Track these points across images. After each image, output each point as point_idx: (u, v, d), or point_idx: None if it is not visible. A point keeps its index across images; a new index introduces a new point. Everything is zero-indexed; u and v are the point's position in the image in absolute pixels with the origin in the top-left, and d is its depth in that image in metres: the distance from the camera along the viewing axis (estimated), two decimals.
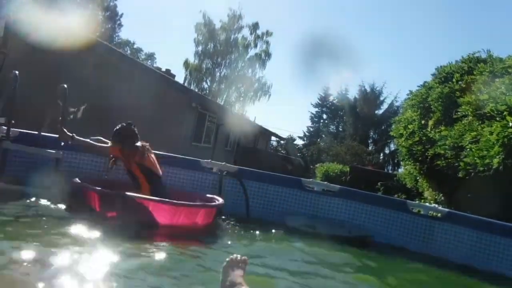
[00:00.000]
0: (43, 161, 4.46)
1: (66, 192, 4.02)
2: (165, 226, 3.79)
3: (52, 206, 3.91)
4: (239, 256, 1.47)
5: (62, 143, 4.29)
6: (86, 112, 10.76)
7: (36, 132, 4.62)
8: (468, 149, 7.11)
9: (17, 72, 4.22)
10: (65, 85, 4.29)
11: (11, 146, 4.26)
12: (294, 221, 5.15)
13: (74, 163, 4.86)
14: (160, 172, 4.38)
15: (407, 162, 10.41)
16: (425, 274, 4.23)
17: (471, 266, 4.83)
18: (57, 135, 4.31)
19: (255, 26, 30.35)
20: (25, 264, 2.39)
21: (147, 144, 4.34)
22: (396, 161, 28.00)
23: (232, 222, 4.71)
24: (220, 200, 4.51)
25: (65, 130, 4.01)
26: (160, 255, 3.18)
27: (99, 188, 3.85)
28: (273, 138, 27.36)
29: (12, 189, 4.01)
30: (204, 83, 30.84)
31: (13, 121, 4.26)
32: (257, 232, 4.56)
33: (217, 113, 14.99)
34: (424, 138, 9.14)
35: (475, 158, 6.69)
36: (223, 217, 4.77)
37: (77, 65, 11.32)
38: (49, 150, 4.43)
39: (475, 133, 7.14)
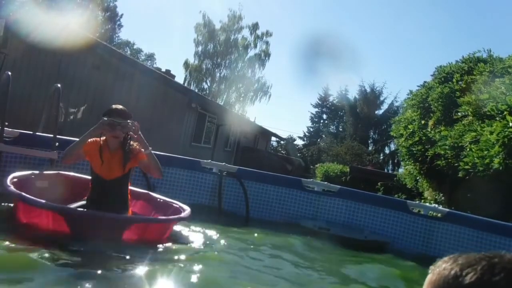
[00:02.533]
0: (38, 162, 4.38)
1: None
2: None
3: None
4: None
5: (57, 144, 4.24)
6: (86, 113, 10.80)
7: (31, 132, 4.56)
8: (468, 149, 7.11)
9: (9, 73, 4.16)
10: (59, 85, 4.27)
11: (4, 148, 4.15)
12: (308, 223, 5.15)
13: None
14: None
15: (407, 162, 10.41)
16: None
17: None
18: (51, 135, 4.28)
19: (255, 27, 30.37)
20: None
21: None
22: (396, 161, 27.97)
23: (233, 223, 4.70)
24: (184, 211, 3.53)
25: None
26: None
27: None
28: (273, 138, 27.37)
29: (6, 192, 3.89)
30: (204, 83, 30.85)
31: (6, 123, 4.15)
32: (261, 233, 4.53)
33: (217, 114, 14.99)
34: (424, 138, 9.13)
35: (475, 158, 6.69)
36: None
37: (77, 65, 11.33)
38: (43, 151, 4.33)
39: (475, 133, 7.14)
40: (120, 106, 3.27)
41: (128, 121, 3.20)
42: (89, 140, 3.22)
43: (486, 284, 0.68)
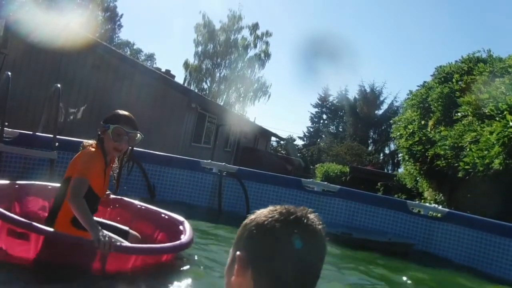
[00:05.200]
0: (38, 162, 4.39)
1: None
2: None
3: None
4: None
5: (57, 144, 4.24)
6: (86, 113, 10.80)
7: (31, 133, 4.55)
8: (468, 149, 7.11)
9: (9, 73, 4.16)
10: (59, 85, 4.27)
11: (4, 148, 4.14)
12: (329, 228, 5.09)
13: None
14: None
15: (407, 162, 10.41)
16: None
17: (471, 267, 4.83)
18: (51, 135, 4.26)
19: (254, 27, 30.35)
20: None
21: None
22: (396, 161, 27.98)
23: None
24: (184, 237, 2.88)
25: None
26: None
27: None
28: (273, 138, 27.34)
29: None
30: (204, 83, 30.84)
31: (6, 123, 4.15)
32: None
33: (217, 114, 14.98)
34: (424, 138, 9.14)
35: (475, 158, 6.69)
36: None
37: (77, 65, 11.33)
38: (43, 151, 4.32)
39: (475, 133, 7.14)
40: (127, 113, 2.69)
41: (138, 133, 2.64)
42: (92, 156, 2.54)
43: (262, 223, 0.86)
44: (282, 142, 30.70)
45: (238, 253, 0.85)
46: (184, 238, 2.85)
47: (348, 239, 4.71)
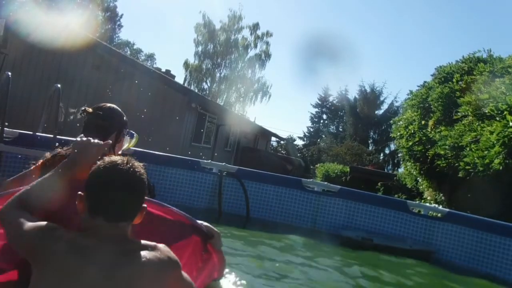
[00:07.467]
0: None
1: None
2: None
3: None
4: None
5: (57, 144, 4.22)
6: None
7: (31, 132, 4.55)
8: (468, 149, 7.11)
9: (9, 73, 4.15)
10: (59, 85, 4.27)
11: (4, 148, 4.14)
12: (349, 233, 5.03)
13: None
14: None
15: (407, 162, 10.41)
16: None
17: (470, 267, 4.83)
18: (51, 135, 4.26)
19: (255, 27, 30.39)
20: None
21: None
22: (396, 161, 27.98)
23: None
24: None
25: None
26: None
27: None
28: (273, 138, 27.35)
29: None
30: (204, 83, 30.88)
31: (6, 123, 4.14)
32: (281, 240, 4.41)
33: (217, 114, 14.99)
34: (424, 138, 9.14)
35: (475, 158, 6.69)
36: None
37: (77, 65, 11.34)
38: (43, 151, 4.32)
39: (475, 133, 7.14)
40: None
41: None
42: None
43: (93, 173, 1.36)
44: (282, 142, 30.71)
45: (79, 193, 1.34)
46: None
47: (369, 245, 4.70)
